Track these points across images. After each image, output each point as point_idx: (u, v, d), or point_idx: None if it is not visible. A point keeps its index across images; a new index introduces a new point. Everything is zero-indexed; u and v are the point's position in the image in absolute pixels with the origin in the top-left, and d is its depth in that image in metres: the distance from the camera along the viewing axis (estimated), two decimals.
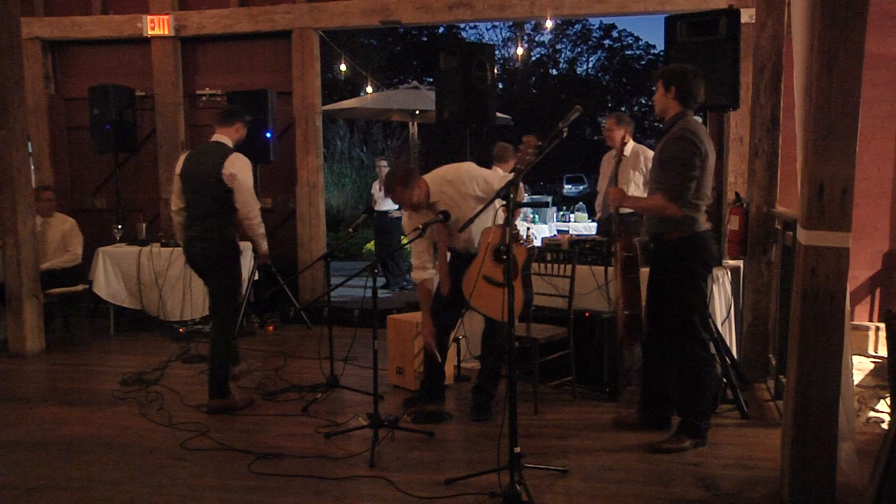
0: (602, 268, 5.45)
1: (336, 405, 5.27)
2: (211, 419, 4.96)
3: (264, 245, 5.42)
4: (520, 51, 28.52)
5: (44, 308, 7.08)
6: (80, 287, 7.60)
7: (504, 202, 3.73)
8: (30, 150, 7.63)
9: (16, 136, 6.77)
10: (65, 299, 7.60)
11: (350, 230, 6.04)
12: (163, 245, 7.58)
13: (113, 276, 7.58)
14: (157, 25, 8.45)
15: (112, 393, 5.64)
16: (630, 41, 32.32)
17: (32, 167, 7.95)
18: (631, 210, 4.80)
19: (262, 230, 5.29)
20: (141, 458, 4.33)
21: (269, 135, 7.92)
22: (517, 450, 3.63)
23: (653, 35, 32.71)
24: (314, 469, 4.09)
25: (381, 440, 4.36)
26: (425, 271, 4.99)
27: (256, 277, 7.83)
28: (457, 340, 5.68)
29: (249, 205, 5.10)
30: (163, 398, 5.48)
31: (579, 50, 32.90)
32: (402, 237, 6.15)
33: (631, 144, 6.23)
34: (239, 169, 5.04)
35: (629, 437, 4.54)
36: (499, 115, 10.25)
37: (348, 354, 6.18)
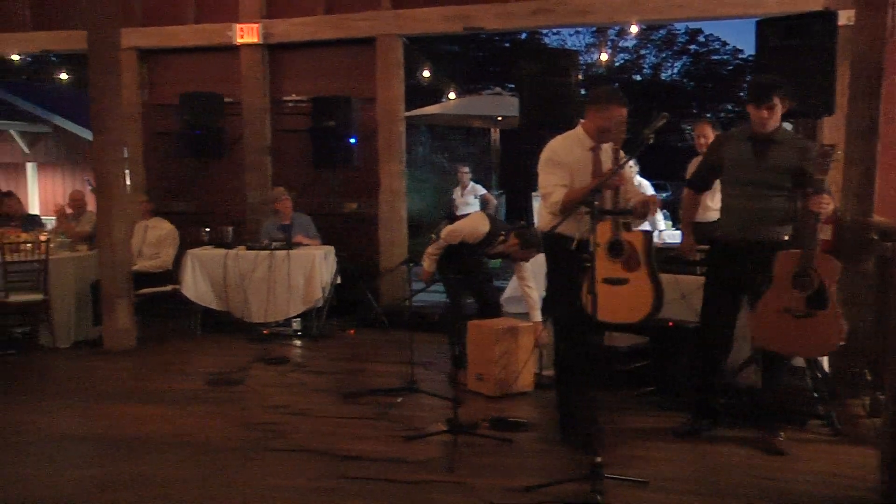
0: (687, 276, 5.32)
1: (415, 410, 5.27)
2: (291, 420, 5.03)
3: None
4: (603, 56, 28.23)
5: (134, 308, 7.32)
6: (170, 288, 7.83)
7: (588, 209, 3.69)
8: (125, 156, 7.89)
9: (113, 144, 7.04)
10: (154, 299, 7.84)
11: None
12: (248, 248, 7.73)
13: (200, 278, 7.76)
14: (247, 33, 8.67)
15: (196, 392, 5.78)
16: (717, 45, 31.64)
17: (127, 172, 8.23)
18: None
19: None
20: (219, 457, 4.42)
21: (352, 141, 8.03)
22: (598, 459, 3.57)
23: (740, 39, 31.90)
24: (391, 473, 4.10)
25: (459, 446, 4.34)
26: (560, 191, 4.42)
27: (339, 281, 7.93)
28: (539, 348, 5.64)
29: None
30: (245, 398, 5.59)
31: (664, 55, 32.41)
32: None
33: None
34: None
35: (710, 449, 4.42)
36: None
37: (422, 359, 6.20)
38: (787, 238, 4.40)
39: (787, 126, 7.41)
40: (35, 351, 7.17)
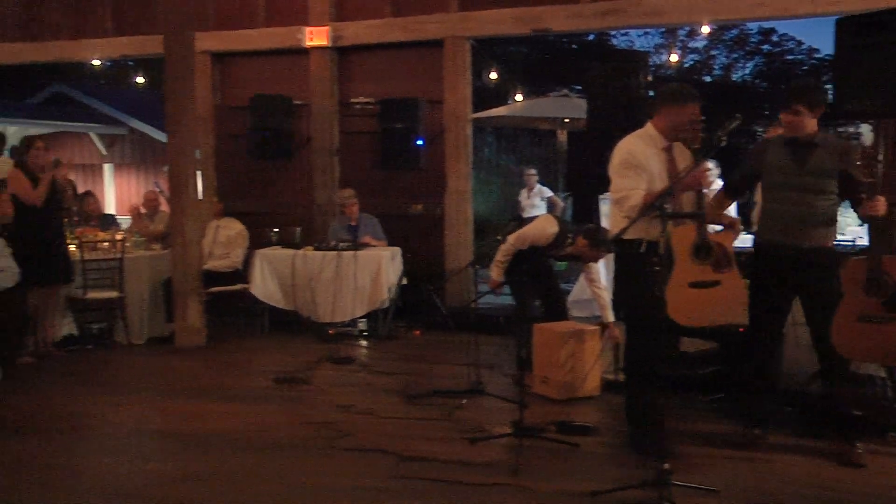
0: None
1: (480, 412, 5.25)
2: (356, 420, 5.06)
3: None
4: (673, 57, 27.76)
5: (205, 306, 7.47)
6: (239, 287, 7.97)
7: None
8: (197, 157, 8.06)
9: (186, 145, 7.22)
10: (224, 298, 7.99)
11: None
12: (315, 249, 7.82)
13: (269, 277, 7.87)
14: (316, 36, 8.77)
15: (264, 390, 5.87)
16: (791, 45, 30.82)
17: (199, 173, 8.42)
18: None
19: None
20: (284, 455, 4.47)
21: (419, 142, 8.05)
22: (666, 466, 3.51)
23: (816, 39, 30.99)
24: (455, 475, 4.09)
25: (524, 449, 4.31)
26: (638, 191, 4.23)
27: (405, 282, 7.96)
28: (614, 350, 5.57)
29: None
30: (311, 397, 5.64)
31: (735, 56, 31.74)
32: None
33: None
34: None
35: (781, 458, 4.30)
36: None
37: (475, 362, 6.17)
38: (832, 243, 4.29)
39: (867, 128, 7.18)
40: (110, 346, 7.39)
